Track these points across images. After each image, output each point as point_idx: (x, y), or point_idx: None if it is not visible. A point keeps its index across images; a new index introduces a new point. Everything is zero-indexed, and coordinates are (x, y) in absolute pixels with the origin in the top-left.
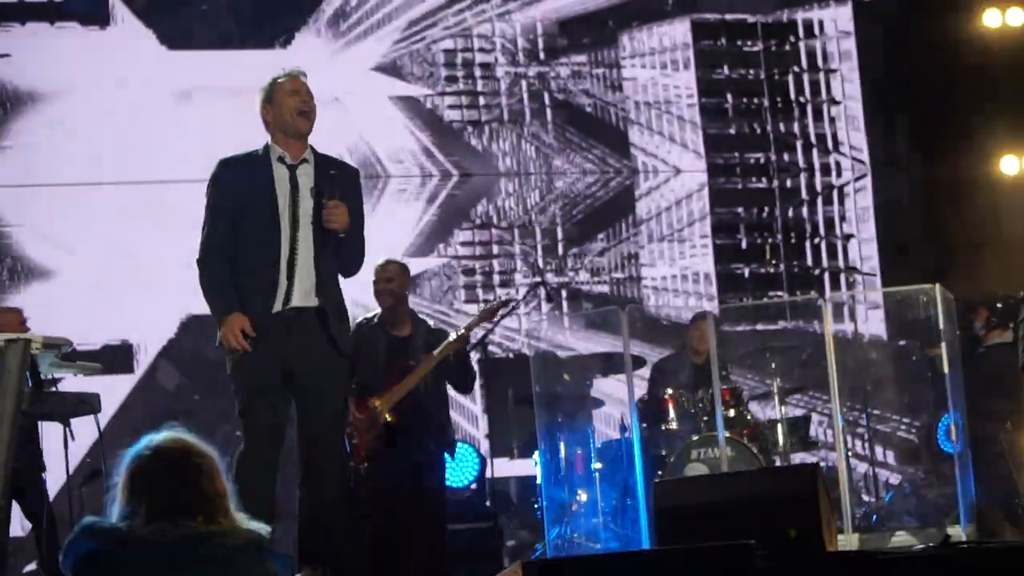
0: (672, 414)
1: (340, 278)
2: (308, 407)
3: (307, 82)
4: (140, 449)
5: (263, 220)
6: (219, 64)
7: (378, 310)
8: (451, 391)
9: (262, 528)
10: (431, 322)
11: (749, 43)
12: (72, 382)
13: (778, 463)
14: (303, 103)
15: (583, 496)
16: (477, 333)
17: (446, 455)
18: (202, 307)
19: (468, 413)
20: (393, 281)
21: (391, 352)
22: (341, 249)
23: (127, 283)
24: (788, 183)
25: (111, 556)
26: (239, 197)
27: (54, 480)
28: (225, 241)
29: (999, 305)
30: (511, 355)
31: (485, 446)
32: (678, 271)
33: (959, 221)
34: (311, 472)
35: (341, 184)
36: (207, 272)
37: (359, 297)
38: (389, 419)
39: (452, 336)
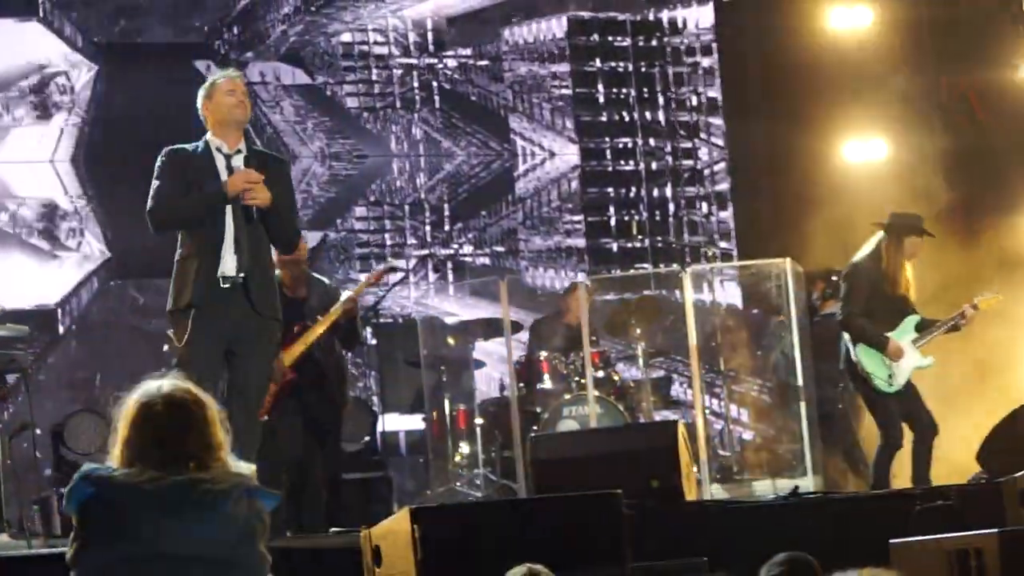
0: (547, 375)
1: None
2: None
3: (242, 83)
4: (149, 397)
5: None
6: None
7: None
8: None
9: (248, 468)
10: (327, 281)
11: (619, 39)
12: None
13: (642, 420)
14: (239, 101)
15: (465, 449)
16: (365, 296)
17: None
18: None
19: (362, 372)
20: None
21: (288, 313)
22: (269, 225)
23: None
24: (654, 166)
25: (110, 502)
26: (186, 177)
27: None
28: (173, 194)
29: (833, 278)
30: (401, 320)
31: (377, 403)
32: (553, 245)
33: (806, 201)
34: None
35: (270, 169)
36: (166, 207)
37: None
38: (290, 375)
39: (344, 297)
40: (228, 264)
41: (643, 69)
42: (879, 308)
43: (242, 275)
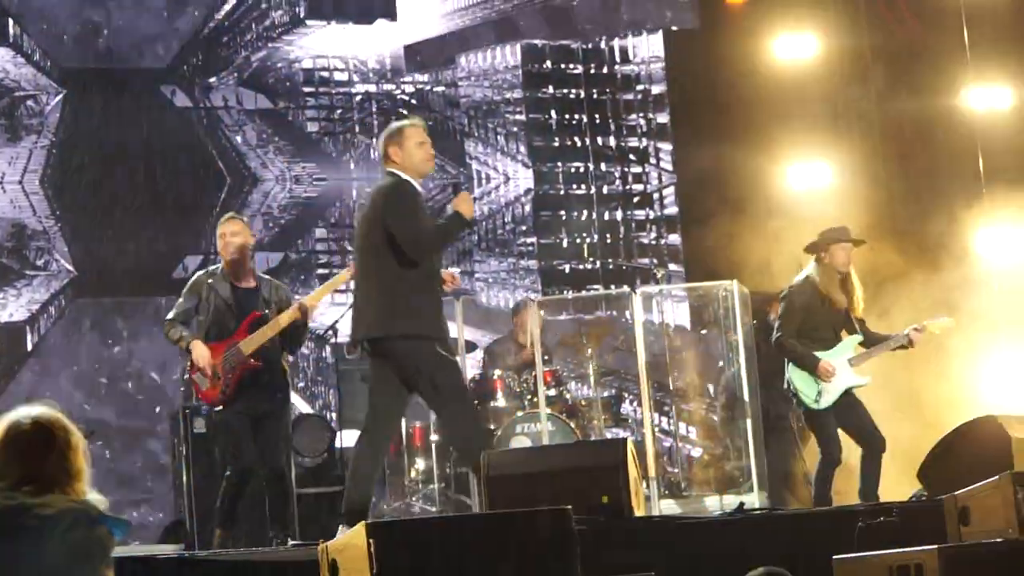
0: (500, 393)
1: None
2: None
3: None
4: (19, 418)
5: None
6: None
7: (217, 264)
8: None
9: (101, 500)
10: (267, 277)
11: (571, 66)
12: None
13: (593, 437)
14: (431, 156)
15: (421, 465)
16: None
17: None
18: None
19: (321, 389)
20: (239, 235)
21: (240, 302)
22: None
23: None
24: (605, 190)
25: None
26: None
27: None
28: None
29: None
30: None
31: (335, 419)
32: (507, 266)
33: (752, 224)
34: None
35: None
36: (435, 237)
37: None
38: (254, 362)
39: (306, 298)
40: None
41: (595, 96)
42: (818, 327)
43: None
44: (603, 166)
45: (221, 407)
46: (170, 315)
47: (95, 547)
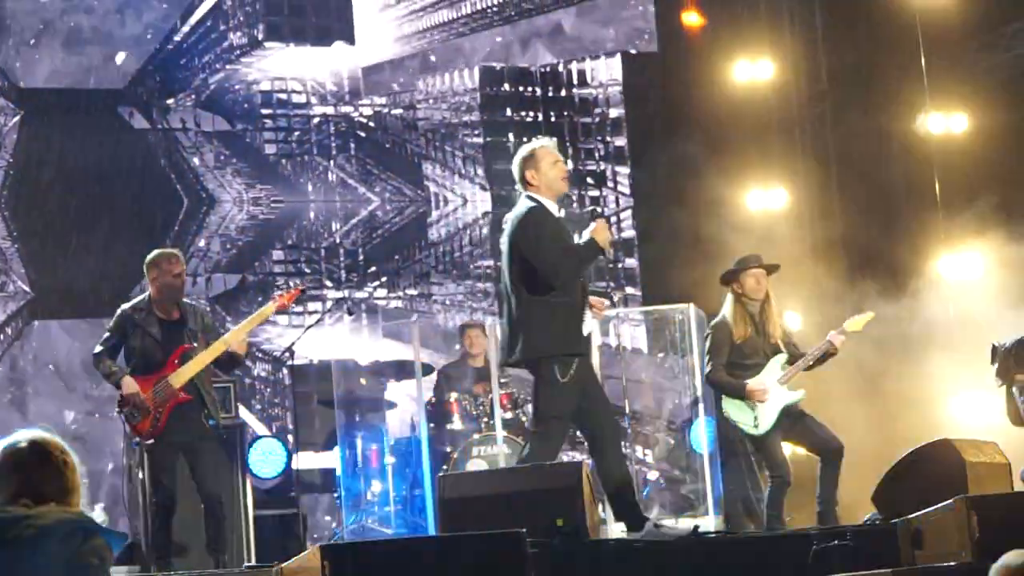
0: (456, 416)
1: None
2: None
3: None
4: (16, 439)
5: None
6: None
7: (142, 296)
8: None
9: (95, 515)
10: (190, 303)
11: (529, 89)
12: None
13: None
14: (566, 175)
15: (377, 487)
16: (282, 336)
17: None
18: None
19: (278, 412)
20: (183, 275)
21: (168, 335)
22: None
23: None
24: (562, 212)
25: None
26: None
27: None
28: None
29: None
30: (315, 361)
31: (292, 441)
32: (464, 288)
33: (709, 248)
34: None
35: None
36: (574, 264)
37: None
38: (184, 396)
39: (228, 335)
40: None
41: (552, 119)
42: (747, 356)
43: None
44: None
45: (152, 440)
46: (97, 349)
47: (92, 557)
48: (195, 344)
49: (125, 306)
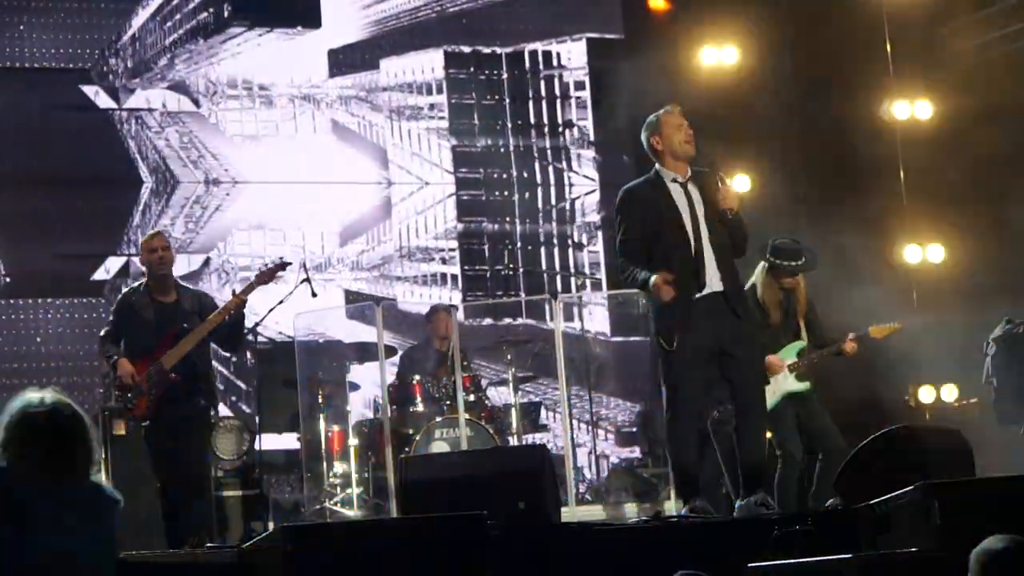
0: (419, 398)
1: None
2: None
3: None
4: (35, 405)
5: (673, 228)
6: None
7: (141, 280)
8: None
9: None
10: (191, 286)
11: (495, 72)
12: None
13: (512, 443)
14: (690, 138)
15: (340, 469)
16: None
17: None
18: None
19: (241, 392)
20: (169, 250)
21: (162, 317)
22: (734, 232)
23: None
24: (527, 195)
25: (6, 491)
26: (647, 214)
27: None
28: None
29: None
30: (279, 342)
31: (255, 422)
32: (427, 271)
33: None
34: None
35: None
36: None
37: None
38: (174, 376)
39: (229, 298)
40: (714, 279)
41: (517, 102)
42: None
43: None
44: (525, 173)
45: (147, 422)
46: (102, 332)
47: (114, 528)
48: (187, 326)
49: (125, 290)
